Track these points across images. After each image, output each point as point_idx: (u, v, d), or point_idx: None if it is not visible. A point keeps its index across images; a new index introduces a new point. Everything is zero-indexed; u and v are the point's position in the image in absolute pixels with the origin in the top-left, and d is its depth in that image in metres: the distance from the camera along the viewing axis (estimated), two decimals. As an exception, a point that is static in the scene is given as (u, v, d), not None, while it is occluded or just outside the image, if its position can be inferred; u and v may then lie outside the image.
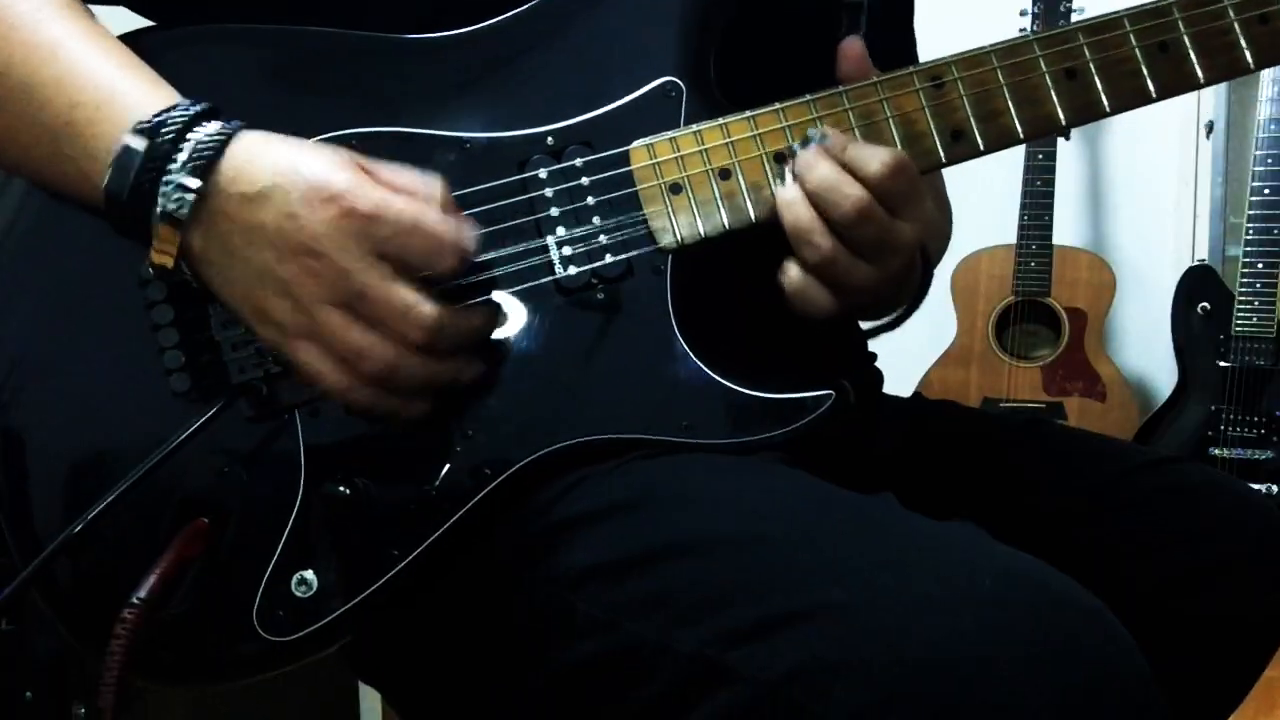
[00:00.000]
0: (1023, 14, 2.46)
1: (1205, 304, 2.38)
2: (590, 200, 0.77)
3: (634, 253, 0.77)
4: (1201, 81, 0.80)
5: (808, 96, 0.78)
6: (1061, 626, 0.59)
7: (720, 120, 0.78)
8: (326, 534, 0.74)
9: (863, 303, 0.81)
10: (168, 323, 0.75)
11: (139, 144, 0.70)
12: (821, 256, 0.76)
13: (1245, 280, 2.32)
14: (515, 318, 0.76)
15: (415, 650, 0.79)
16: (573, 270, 0.77)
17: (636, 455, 0.74)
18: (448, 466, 0.74)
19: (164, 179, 0.69)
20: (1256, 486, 2.29)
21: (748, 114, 0.78)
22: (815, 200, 0.75)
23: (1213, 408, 2.35)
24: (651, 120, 0.78)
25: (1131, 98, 0.80)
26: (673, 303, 0.77)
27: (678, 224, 0.77)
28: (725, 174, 0.78)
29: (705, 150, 0.78)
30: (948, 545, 0.64)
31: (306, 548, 0.73)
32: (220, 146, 0.70)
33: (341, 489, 0.73)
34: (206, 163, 0.69)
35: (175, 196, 0.69)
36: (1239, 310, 2.32)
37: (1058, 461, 0.93)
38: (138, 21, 0.82)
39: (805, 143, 0.77)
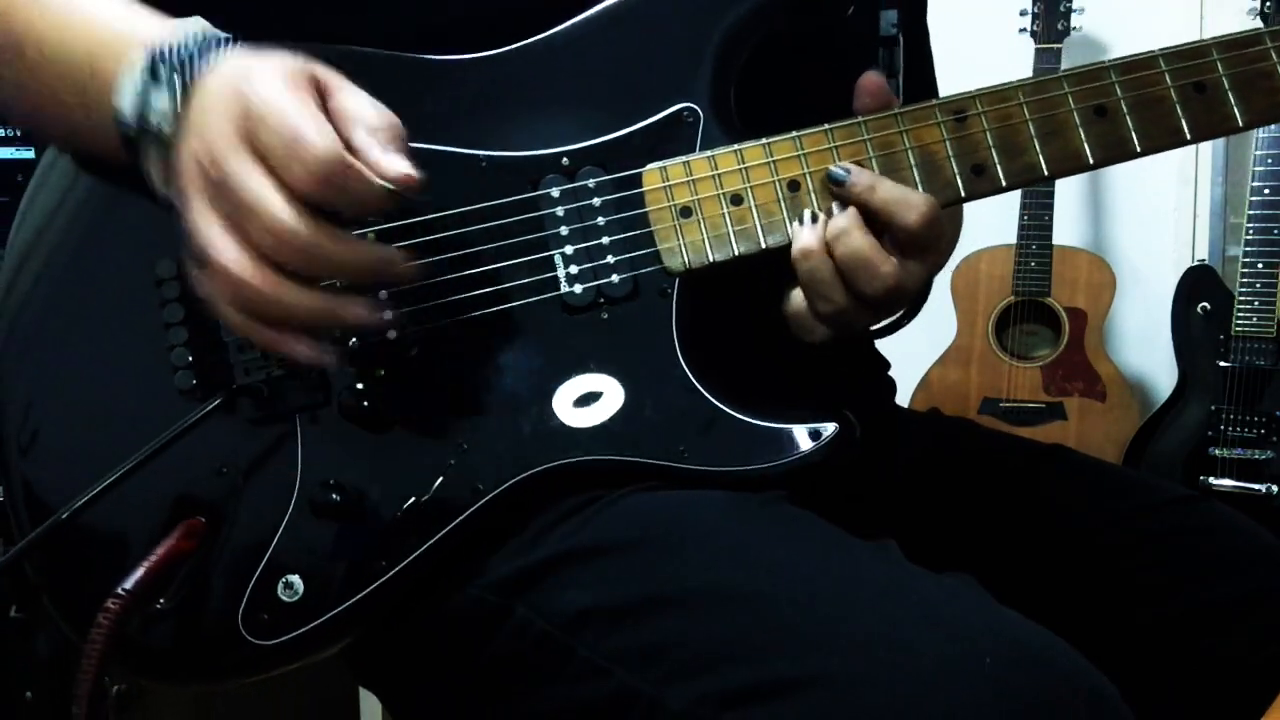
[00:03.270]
0: (1023, 14, 2.46)
1: (1205, 304, 2.38)
2: (600, 220, 0.77)
3: (640, 274, 0.77)
4: (1240, 125, 0.76)
5: (825, 126, 0.77)
6: (1066, 710, 0.58)
7: (735, 146, 0.77)
8: (316, 540, 0.74)
9: (860, 332, 0.80)
10: (178, 321, 0.76)
11: (140, 75, 0.69)
12: (835, 310, 0.75)
13: (1245, 280, 2.31)
14: (518, 333, 0.76)
15: (413, 662, 0.79)
16: (578, 288, 0.76)
17: (638, 488, 0.74)
18: (440, 480, 0.74)
19: (150, 107, 0.68)
20: (1256, 486, 2.29)
21: (763, 141, 0.77)
22: (842, 266, 0.74)
23: (1213, 408, 2.35)
24: (667, 145, 0.77)
25: (1164, 138, 0.77)
26: (677, 326, 0.77)
27: (686, 247, 0.77)
28: (737, 200, 0.77)
29: (718, 175, 0.77)
30: (950, 612, 0.61)
31: (296, 553, 0.74)
32: (195, 60, 0.68)
33: (334, 496, 0.73)
34: (187, 83, 0.68)
35: (155, 121, 0.68)
36: (1239, 310, 2.32)
37: (1084, 489, 0.91)
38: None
39: (833, 180, 0.76)
